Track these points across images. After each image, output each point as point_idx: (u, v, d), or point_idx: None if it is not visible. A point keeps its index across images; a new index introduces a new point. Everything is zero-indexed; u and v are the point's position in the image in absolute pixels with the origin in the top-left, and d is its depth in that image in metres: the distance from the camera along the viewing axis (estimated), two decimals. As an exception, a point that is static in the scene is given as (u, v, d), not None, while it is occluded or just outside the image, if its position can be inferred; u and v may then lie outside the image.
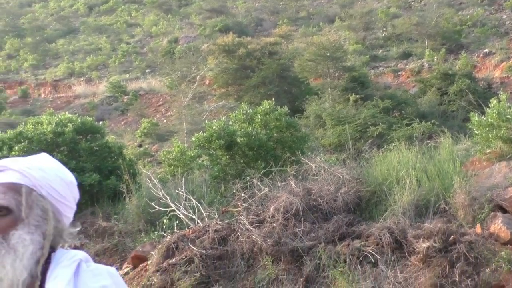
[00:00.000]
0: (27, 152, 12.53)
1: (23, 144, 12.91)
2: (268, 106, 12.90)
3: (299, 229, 8.24)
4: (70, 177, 2.22)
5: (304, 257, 7.86)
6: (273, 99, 14.46)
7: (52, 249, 2.10)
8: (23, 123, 14.85)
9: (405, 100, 25.67)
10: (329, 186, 9.28)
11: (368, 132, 18.09)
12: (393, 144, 11.04)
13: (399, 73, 36.05)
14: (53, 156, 8.55)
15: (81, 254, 2.09)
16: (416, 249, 7.13)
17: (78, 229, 2.25)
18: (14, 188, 2.05)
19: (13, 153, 12.46)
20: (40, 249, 2.02)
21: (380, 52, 41.10)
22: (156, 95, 37.58)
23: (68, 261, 2.04)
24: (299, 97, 27.67)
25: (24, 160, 2.17)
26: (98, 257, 10.83)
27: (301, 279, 7.51)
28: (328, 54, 27.92)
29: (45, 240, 2.04)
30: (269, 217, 8.58)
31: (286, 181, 9.64)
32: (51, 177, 2.13)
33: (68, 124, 13.43)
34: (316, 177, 9.90)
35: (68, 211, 2.20)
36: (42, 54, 53.74)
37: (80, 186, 9.71)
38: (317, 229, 8.31)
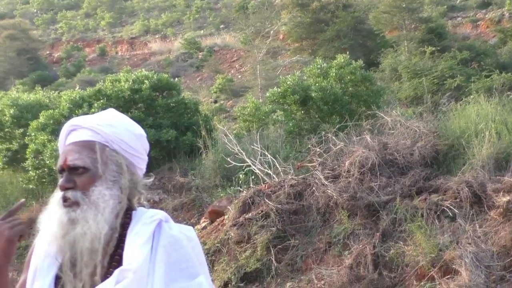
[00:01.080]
0: (106, 109, 12.78)
1: (102, 101, 13.18)
2: (342, 60, 12.74)
3: (375, 184, 8.18)
4: (139, 130, 2.26)
5: (380, 211, 7.81)
6: (347, 52, 14.26)
7: (129, 201, 2.15)
8: (101, 81, 15.14)
9: (484, 51, 24.86)
10: (406, 140, 9.15)
11: (446, 85, 17.67)
12: (471, 96, 10.76)
13: (478, 23, 34.90)
14: (130, 113, 8.76)
15: (161, 214, 2.13)
16: (495, 203, 6.98)
17: (151, 179, 2.29)
18: (88, 146, 2.10)
19: (92, 110, 12.74)
20: (119, 203, 2.07)
21: (458, 1, 39.87)
22: (230, 50, 37.63)
23: (149, 220, 2.08)
24: (374, 50, 27.18)
25: (94, 117, 2.21)
26: (176, 211, 11.05)
27: (378, 234, 7.48)
28: (404, 5, 27.26)
29: (122, 194, 2.09)
30: (344, 172, 8.54)
31: (362, 135, 9.55)
32: (121, 132, 2.17)
33: (145, 81, 13.61)
34: (392, 131, 9.77)
35: (141, 162, 2.24)
36: (119, 12, 54.42)
37: (158, 142, 9.92)
38: (394, 184, 8.23)
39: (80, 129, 2.15)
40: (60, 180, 2.06)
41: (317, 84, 12.23)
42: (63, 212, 2.01)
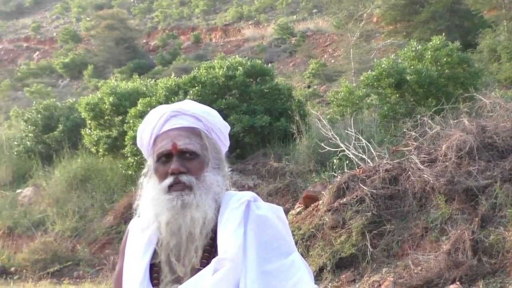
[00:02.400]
0: (201, 96, 12.99)
1: (197, 88, 13.38)
2: (438, 42, 12.46)
3: (473, 168, 7.98)
4: (225, 122, 2.28)
5: (479, 196, 7.62)
6: (443, 34, 13.93)
7: None
8: (196, 68, 15.37)
9: None
10: (505, 122, 8.88)
11: (549, 65, 17.00)
12: None
13: None
14: (224, 99, 8.87)
15: (248, 195, 2.13)
16: None
17: (230, 169, 2.31)
18: (195, 132, 2.13)
19: (188, 97, 12.95)
20: (222, 189, 2.11)
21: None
22: (323, 35, 37.34)
23: (237, 203, 2.07)
24: (472, 31, 26.34)
25: (194, 105, 2.23)
26: (270, 197, 11.12)
27: (476, 219, 7.31)
28: (504, -17, 26.30)
29: (225, 180, 2.13)
30: (441, 156, 8.38)
31: (459, 118, 9.32)
32: (218, 121, 2.20)
33: (239, 67, 13.73)
34: (491, 114, 9.50)
35: (225, 152, 2.26)
36: (212, 0, 54.97)
37: (252, 128, 10.02)
38: (493, 168, 8.00)
39: (182, 115, 2.16)
40: (173, 164, 2.06)
41: (412, 67, 12.01)
42: (173, 197, 2.03)
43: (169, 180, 2.06)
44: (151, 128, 2.21)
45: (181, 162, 2.06)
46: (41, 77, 43.84)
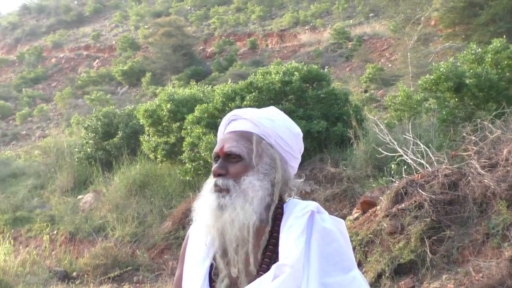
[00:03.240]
0: (257, 101, 13.03)
1: (253, 94, 13.43)
2: (499, 44, 12.21)
3: (536, 173, 7.80)
4: (297, 129, 2.28)
5: (544, 200, 7.45)
6: (504, 36, 13.64)
7: (279, 197, 2.17)
8: (252, 74, 15.43)
9: None
10: None
11: None
12: None
13: None
14: (281, 104, 8.89)
15: (312, 205, 2.13)
16: None
17: (302, 180, 2.30)
18: (246, 136, 2.15)
19: (244, 103, 13.02)
20: (269, 196, 2.10)
21: None
22: (380, 39, 37.06)
23: (301, 212, 2.08)
24: (534, 32, 25.82)
25: (255, 111, 2.26)
26: (327, 202, 11.08)
27: (540, 225, 7.14)
28: None
29: (274, 188, 2.12)
30: (502, 161, 8.20)
31: (521, 122, 9.14)
32: (280, 128, 2.21)
33: (295, 72, 13.72)
34: (554, 117, 9.27)
35: (294, 161, 2.26)
36: (268, 5, 55.06)
37: (308, 133, 9.99)
38: (556, 173, 7.81)
39: (240, 119, 2.21)
40: (214, 166, 2.14)
41: (471, 70, 11.80)
42: (214, 197, 2.08)
43: (213, 180, 2.13)
44: (220, 131, 2.32)
45: (224, 164, 2.12)
46: (101, 85, 44.69)
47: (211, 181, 2.15)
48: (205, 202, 2.11)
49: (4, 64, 59.77)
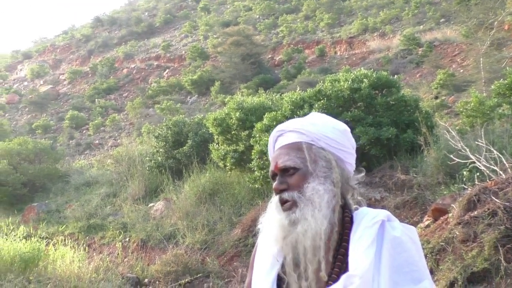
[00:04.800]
0: (326, 109, 12.99)
1: (322, 101, 13.39)
2: None
3: None
4: (343, 126, 2.27)
5: None
6: None
7: (344, 200, 2.17)
8: (321, 81, 15.38)
9: None
10: None
11: None
12: None
13: None
14: (350, 111, 8.86)
15: (382, 214, 2.12)
16: None
17: (363, 174, 2.28)
18: (295, 147, 2.17)
19: (313, 110, 12.96)
20: (334, 197, 2.10)
21: None
22: (451, 45, 36.48)
23: (370, 222, 2.07)
24: None
25: (298, 120, 2.27)
26: (398, 210, 10.94)
27: None
28: None
29: (335, 188, 2.12)
30: None
31: None
32: (325, 129, 2.21)
33: (364, 79, 13.62)
34: None
35: (349, 157, 2.25)
36: (337, 13, 54.95)
37: (378, 140, 9.93)
38: None
39: (285, 133, 2.23)
40: (274, 184, 2.15)
41: (547, 75, 11.49)
42: (283, 216, 2.09)
43: (276, 197, 2.17)
44: (269, 151, 2.37)
45: (283, 180, 2.14)
46: (171, 94, 45.42)
47: (275, 199, 2.16)
48: (274, 221, 2.12)
49: (78, 76, 61.45)
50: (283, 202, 2.10)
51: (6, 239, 14.83)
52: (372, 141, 12.50)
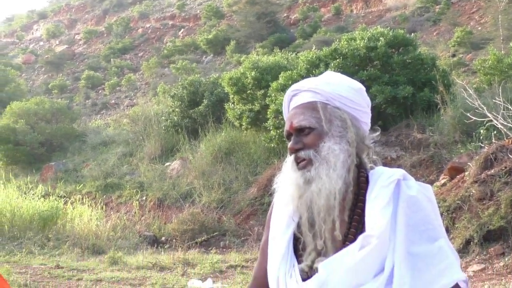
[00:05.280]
0: (342, 68, 12.92)
1: (338, 60, 13.31)
2: None
3: None
4: (358, 84, 2.25)
5: None
6: None
7: (359, 159, 2.16)
8: (337, 40, 15.27)
9: None
10: None
11: None
12: None
13: None
14: (366, 70, 8.80)
15: (398, 173, 2.10)
16: None
17: (378, 133, 2.27)
18: (310, 107, 2.15)
19: (329, 69, 12.91)
20: (349, 157, 2.09)
21: None
22: (469, 2, 35.98)
23: (386, 181, 2.06)
24: None
25: (312, 80, 2.25)
26: (414, 168, 10.93)
27: None
28: None
29: (351, 148, 2.11)
30: None
31: None
32: (339, 88, 2.18)
33: (380, 38, 13.50)
34: None
35: (364, 116, 2.23)
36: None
37: (394, 99, 9.90)
38: None
39: (300, 92, 2.21)
40: (289, 144, 2.15)
41: None
42: (299, 174, 2.08)
43: (291, 157, 2.14)
44: (284, 111, 2.31)
45: (298, 139, 2.12)
46: (186, 54, 45.25)
47: (290, 159, 2.15)
48: (290, 181, 2.12)
49: (93, 35, 61.34)
50: (298, 161, 2.10)
51: (25, 198, 15.01)
52: (388, 100, 12.44)
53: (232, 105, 16.51)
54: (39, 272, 10.00)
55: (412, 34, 17.31)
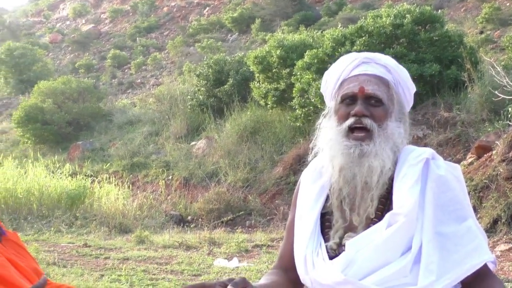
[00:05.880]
0: (367, 46, 12.82)
1: (363, 38, 13.21)
2: None
3: None
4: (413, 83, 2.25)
5: None
6: None
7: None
8: (363, 17, 15.15)
9: None
10: None
11: None
12: None
13: None
14: (392, 48, 8.70)
15: (427, 152, 2.08)
16: None
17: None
18: (384, 82, 2.13)
19: (354, 47, 12.83)
20: (402, 142, 2.09)
21: None
22: (497, -23, 35.45)
23: (415, 160, 2.05)
24: None
25: (386, 57, 2.22)
26: (440, 147, 10.86)
27: None
28: None
29: (405, 133, 2.11)
30: None
31: None
32: (406, 77, 2.19)
33: (407, 15, 13.37)
34: None
35: (408, 109, 2.24)
36: None
37: (421, 77, 9.81)
38: None
39: (373, 63, 2.17)
40: (358, 106, 2.08)
41: None
42: (352, 144, 2.05)
43: (350, 121, 2.08)
44: (340, 71, 2.23)
45: (365, 106, 2.06)
46: (211, 32, 45.14)
47: (344, 124, 2.09)
48: (338, 148, 2.08)
49: (119, 14, 61.40)
50: (357, 129, 2.06)
51: (53, 177, 15.17)
52: (415, 78, 12.32)
53: (258, 84, 16.49)
54: (67, 250, 10.14)
55: (439, 10, 17.12)
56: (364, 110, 2.06)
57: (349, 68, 2.19)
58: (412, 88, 2.21)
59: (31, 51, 40.24)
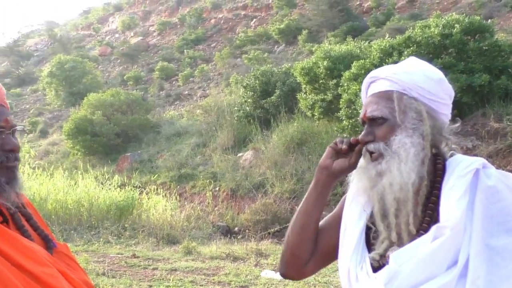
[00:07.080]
0: (416, 56, 12.67)
1: (411, 48, 13.11)
2: None
3: None
4: (437, 75, 2.18)
5: None
6: None
7: (437, 149, 2.12)
8: (411, 28, 15.05)
9: None
10: None
11: None
12: None
13: None
14: (440, 59, 8.60)
15: (477, 162, 2.03)
16: None
17: (458, 124, 2.21)
18: (386, 96, 2.11)
19: (402, 58, 12.72)
20: (422, 150, 2.05)
21: None
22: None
23: (464, 171, 2.00)
24: None
25: (391, 67, 2.20)
26: (490, 158, 10.69)
27: None
28: None
29: (424, 141, 2.07)
30: None
31: None
32: (418, 78, 2.13)
33: (455, 25, 13.23)
34: None
35: (443, 108, 2.17)
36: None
37: (470, 87, 9.66)
38: None
39: (378, 80, 2.17)
40: (361, 133, 2.12)
41: None
42: (371, 166, 2.07)
43: (364, 148, 2.13)
44: (362, 96, 2.30)
45: (370, 130, 2.10)
46: (258, 44, 45.35)
47: (364, 149, 2.14)
48: (362, 171, 2.11)
49: (167, 27, 62.13)
50: (370, 152, 2.09)
51: (102, 188, 15.36)
52: (464, 88, 12.17)
53: (304, 95, 16.50)
54: (116, 261, 10.24)
55: (489, 20, 16.91)
56: (365, 136, 2.10)
57: (365, 91, 2.26)
58: (429, 85, 2.12)
59: (81, 64, 41.00)
